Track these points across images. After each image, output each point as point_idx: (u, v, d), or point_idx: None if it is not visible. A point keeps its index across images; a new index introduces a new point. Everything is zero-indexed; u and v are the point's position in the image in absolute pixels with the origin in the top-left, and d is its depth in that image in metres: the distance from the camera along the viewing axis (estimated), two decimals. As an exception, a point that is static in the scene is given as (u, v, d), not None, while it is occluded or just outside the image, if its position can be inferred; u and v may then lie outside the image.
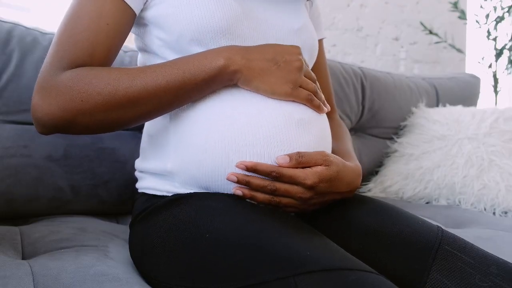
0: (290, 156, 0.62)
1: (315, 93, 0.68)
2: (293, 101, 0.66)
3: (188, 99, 0.65)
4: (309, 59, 0.78)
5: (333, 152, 0.74)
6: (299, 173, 0.61)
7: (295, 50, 0.67)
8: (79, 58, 0.63)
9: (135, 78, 0.61)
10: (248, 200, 0.63)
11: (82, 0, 0.65)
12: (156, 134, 0.71)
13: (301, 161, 0.62)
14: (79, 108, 0.61)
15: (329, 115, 0.88)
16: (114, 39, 0.66)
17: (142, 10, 0.70)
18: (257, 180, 0.62)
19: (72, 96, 0.61)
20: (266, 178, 0.62)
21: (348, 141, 0.85)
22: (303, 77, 0.67)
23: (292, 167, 0.62)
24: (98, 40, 0.64)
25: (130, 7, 0.67)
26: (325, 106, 0.70)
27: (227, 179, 0.62)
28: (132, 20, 0.68)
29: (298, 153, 0.62)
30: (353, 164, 0.70)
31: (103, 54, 0.65)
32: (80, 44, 0.63)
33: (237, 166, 0.62)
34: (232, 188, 0.63)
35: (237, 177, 0.61)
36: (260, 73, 0.63)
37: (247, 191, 0.62)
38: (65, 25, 0.65)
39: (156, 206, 0.66)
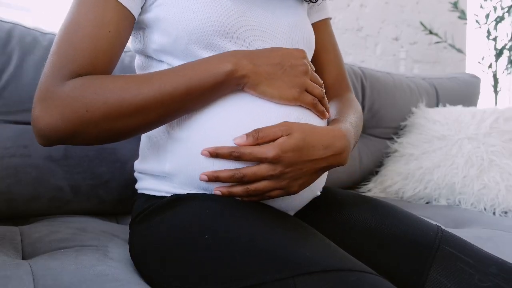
0: (247, 134, 0.61)
1: (321, 98, 0.68)
2: (300, 105, 0.66)
3: (194, 106, 0.63)
4: (308, 54, 0.77)
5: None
6: (257, 148, 0.59)
7: (301, 54, 0.66)
8: (81, 67, 0.62)
9: (141, 86, 0.60)
10: (247, 201, 0.63)
11: (82, 8, 0.63)
12: (154, 135, 0.71)
13: (258, 136, 0.60)
14: (84, 118, 0.59)
15: (342, 94, 0.86)
16: (115, 46, 0.65)
17: (140, 13, 0.70)
18: (223, 172, 0.61)
19: (76, 107, 0.59)
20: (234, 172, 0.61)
21: (349, 109, 0.79)
22: (309, 81, 0.66)
23: (252, 145, 0.60)
24: (100, 48, 0.63)
25: (131, 12, 0.66)
26: (328, 112, 0.70)
27: (200, 179, 0.62)
28: (132, 25, 0.68)
29: (255, 129, 0.61)
30: (331, 126, 0.67)
31: (105, 62, 0.64)
32: (81, 53, 0.62)
33: (201, 154, 0.62)
34: (213, 189, 0.63)
35: (207, 175, 0.62)
36: (267, 78, 0.63)
37: (224, 189, 0.62)
38: (65, 33, 0.63)
39: (155, 207, 0.66)
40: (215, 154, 0.61)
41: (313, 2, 0.82)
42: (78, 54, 0.61)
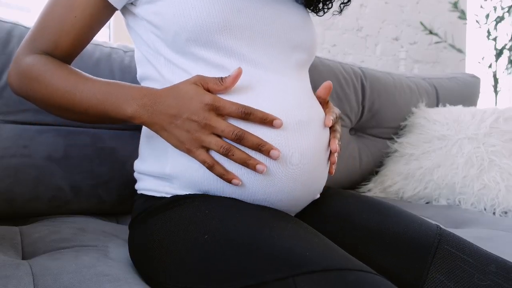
0: (333, 117, 0.72)
1: (226, 153, 0.60)
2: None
3: (110, 123, 0.71)
4: (308, 58, 0.77)
5: None
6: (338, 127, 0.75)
7: (203, 106, 0.60)
8: (45, 44, 0.71)
9: (66, 92, 0.67)
10: (247, 201, 0.63)
11: None
12: (153, 136, 0.70)
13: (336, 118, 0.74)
14: (28, 93, 0.71)
15: None
16: (80, 31, 0.71)
17: (132, 6, 0.71)
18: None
19: (25, 82, 0.70)
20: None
21: None
22: (206, 136, 0.60)
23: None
24: (64, 30, 0.70)
25: (108, 2, 0.69)
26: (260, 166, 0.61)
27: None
28: (109, 13, 0.72)
29: (333, 112, 0.73)
30: None
31: (67, 44, 0.71)
32: (48, 31, 0.70)
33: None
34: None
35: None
36: (161, 129, 0.63)
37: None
38: (44, 10, 0.72)
39: (155, 207, 0.66)
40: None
41: (318, 15, 0.82)
42: (45, 32, 0.71)
